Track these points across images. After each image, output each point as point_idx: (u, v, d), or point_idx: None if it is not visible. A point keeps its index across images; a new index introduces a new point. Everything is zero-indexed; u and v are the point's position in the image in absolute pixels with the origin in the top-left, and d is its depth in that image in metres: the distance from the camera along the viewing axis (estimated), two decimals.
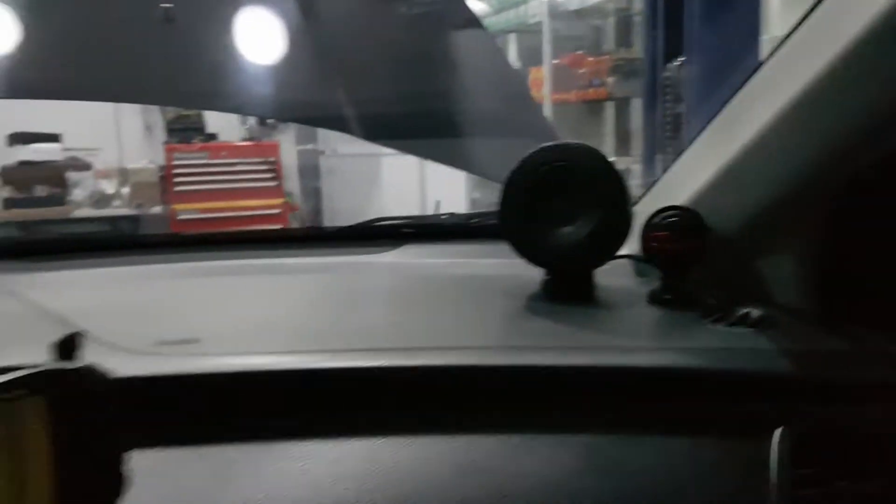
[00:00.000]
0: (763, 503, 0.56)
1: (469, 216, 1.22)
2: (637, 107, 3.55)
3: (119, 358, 0.57)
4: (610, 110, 4.28)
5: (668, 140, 2.57)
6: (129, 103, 3.86)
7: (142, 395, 0.56)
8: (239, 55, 1.16)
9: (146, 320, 0.76)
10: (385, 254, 1.01)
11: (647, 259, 0.83)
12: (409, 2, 1.29)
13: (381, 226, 1.11)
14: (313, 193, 5.20)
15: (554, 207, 0.81)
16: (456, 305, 0.82)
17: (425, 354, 0.65)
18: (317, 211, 5.11)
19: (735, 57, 2.05)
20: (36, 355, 0.62)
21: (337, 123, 1.17)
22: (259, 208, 4.76)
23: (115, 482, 0.46)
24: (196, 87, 1.15)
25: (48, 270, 0.97)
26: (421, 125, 1.15)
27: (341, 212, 5.00)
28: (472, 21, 1.23)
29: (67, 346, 0.49)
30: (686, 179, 0.86)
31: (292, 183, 5.05)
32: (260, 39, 1.18)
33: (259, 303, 0.85)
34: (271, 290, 0.90)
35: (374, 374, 0.62)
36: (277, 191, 4.86)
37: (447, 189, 4.31)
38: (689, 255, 0.79)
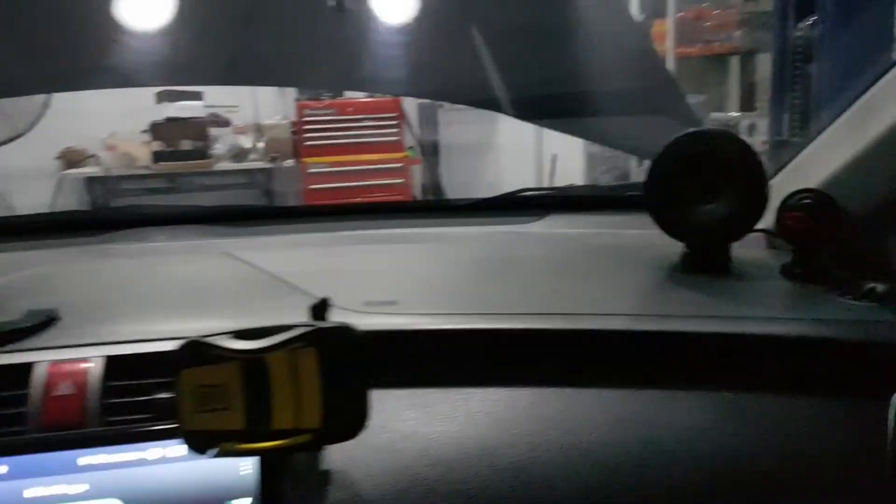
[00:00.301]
0: (879, 461, 0.66)
1: (609, 187, 1.31)
2: (763, 62, 3.48)
3: (345, 316, 0.72)
4: (735, 65, 4.19)
5: (795, 100, 2.54)
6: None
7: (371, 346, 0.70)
8: (399, 40, 1.28)
9: (342, 282, 0.90)
10: (533, 223, 1.13)
11: (780, 235, 0.91)
12: None
13: (527, 196, 1.23)
14: (432, 147, 5.34)
15: (696, 187, 0.91)
16: (603, 274, 0.94)
17: (584, 320, 0.77)
18: (436, 163, 5.25)
19: (871, 21, 2.01)
20: (272, 310, 0.78)
21: (489, 104, 1.29)
22: (382, 162, 4.95)
23: (361, 412, 0.60)
24: (363, 71, 1.29)
25: (246, 236, 1.14)
26: (567, 104, 1.25)
27: (459, 165, 5.13)
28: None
29: (320, 308, 0.64)
30: (820, 162, 0.93)
31: (413, 137, 5.21)
32: (416, 26, 1.30)
33: (428, 269, 0.99)
34: (435, 257, 1.04)
35: (542, 335, 0.75)
36: (399, 145, 5.03)
37: (564, 139, 4.34)
38: (821, 235, 0.87)
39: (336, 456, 0.64)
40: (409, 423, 0.69)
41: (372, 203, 1.13)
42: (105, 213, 1.34)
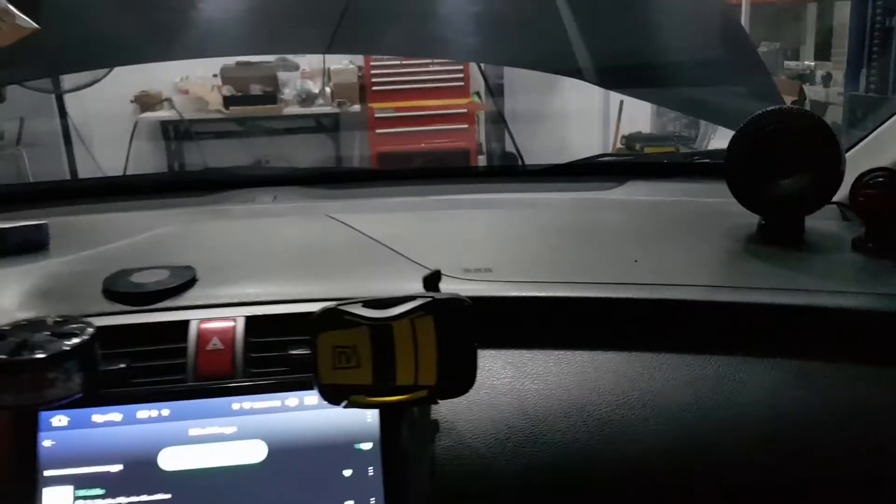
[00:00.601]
0: None
1: (685, 154, 1.36)
2: (841, 11, 3.38)
3: (448, 283, 0.80)
4: (812, 13, 4.07)
5: (874, 54, 2.50)
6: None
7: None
8: (479, 6, 1.33)
9: (437, 248, 0.98)
10: (613, 190, 1.19)
11: (853, 209, 0.96)
12: None
13: (606, 162, 1.28)
14: (497, 90, 5.33)
15: (773, 162, 0.96)
16: (681, 242, 1.00)
17: (665, 290, 0.84)
18: (500, 109, 5.26)
19: None
20: (379, 276, 0.87)
21: (572, 72, 1.33)
22: (447, 107, 4.98)
23: (470, 372, 0.69)
24: (441, 35, 1.34)
25: (343, 199, 1.23)
26: (650, 73, 1.28)
27: (523, 111, 5.12)
28: None
29: (433, 279, 0.73)
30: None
31: (478, 82, 5.21)
32: None
33: (515, 235, 1.06)
34: (520, 223, 1.11)
35: (627, 304, 0.82)
36: (464, 90, 5.04)
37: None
38: (893, 213, 0.91)
39: (444, 408, 0.73)
40: (505, 380, 0.78)
41: (457, 168, 1.20)
42: (213, 174, 1.43)
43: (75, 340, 0.67)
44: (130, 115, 4.81)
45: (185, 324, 0.74)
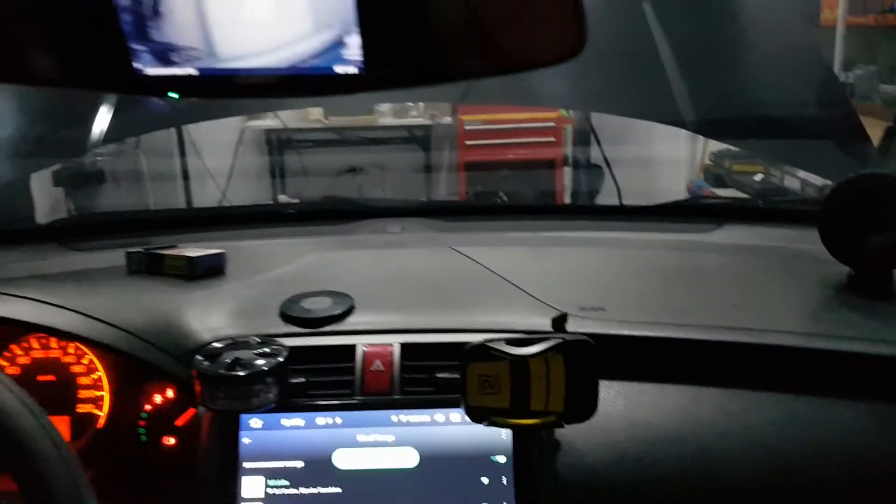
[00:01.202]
0: None
1: (782, 200, 1.45)
2: None
3: (574, 323, 0.93)
4: None
5: None
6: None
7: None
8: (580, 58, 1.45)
9: (552, 284, 1.11)
10: (711, 233, 1.30)
11: None
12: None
13: (705, 204, 1.39)
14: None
15: (866, 220, 1.05)
16: (777, 289, 1.10)
17: (763, 335, 0.94)
18: (588, 123, 5.33)
19: None
20: (504, 310, 1.00)
21: (674, 122, 1.44)
22: (536, 120, 5.09)
23: (592, 402, 0.82)
24: (542, 86, 1.46)
25: (460, 231, 1.37)
26: (752, 126, 1.38)
27: (608, 125, 5.19)
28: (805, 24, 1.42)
29: (561, 321, 0.86)
30: None
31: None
32: (602, 41, 1.46)
33: (621, 274, 1.17)
34: (624, 261, 1.22)
35: (728, 346, 0.93)
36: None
37: None
38: None
39: (567, 430, 0.87)
40: (617, 409, 0.90)
41: (561, 205, 1.32)
42: (346, 205, 1.60)
43: (274, 360, 0.83)
44: (237, 122, 5.11)
45: (352, 347, 0.90)
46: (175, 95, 0.46)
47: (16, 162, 1.57)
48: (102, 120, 1.55)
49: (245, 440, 0.85)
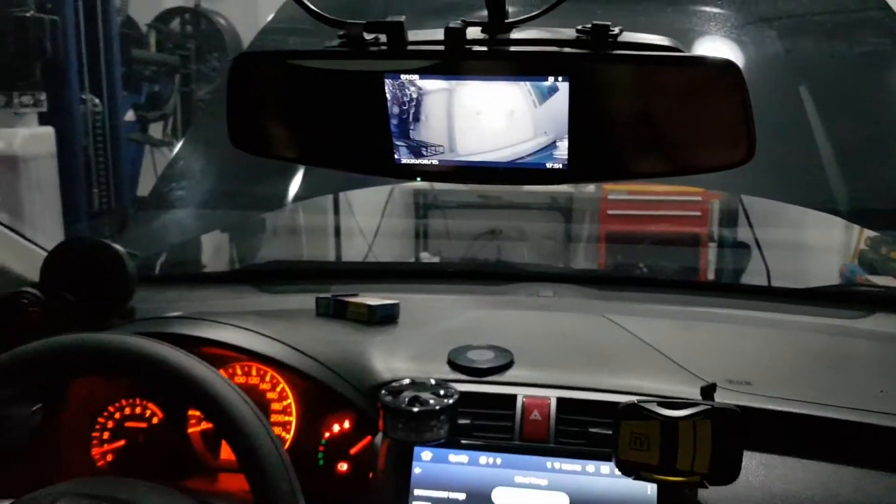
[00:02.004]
0: None
1: None
2: None
3: (720, 394, 0.99)
4: None
5: None
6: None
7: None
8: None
9: (699, 356, 1.17)
10: (861, 320, 1.32)
11: None
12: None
13: (855, 291, 1.41)
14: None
15: None
16: None
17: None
18: (737, 201, 5.26)
19: None
20: (651, 377, 1.08)
21: (824, 208, 1.48)
22: (681, 194, 5.08)
23: (736, 467, 0.88)
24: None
25: (610, 300, 1.46)
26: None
27: (757, 204, 5.09)
28: None
29: (710, 390, 0.93)
30: None
31: None
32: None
33: (767, 352, 1.22)
34: (772, 341, 1.26)
35: (872, 428, 0.97)
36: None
37: None
38: None
39: (708, 492, 0.93)
40: (758, 478, 0.96)
41: (708, 282, 1.38)
42: (504, 268, 1.73)
43: (447, 401, 0.95)
44: (387, 179, 5.41)
45: (513, 397, 1.01)
46: (419, 179, 0.60)
47: (216, 213, 1.80)
48: (292, 183, 1.76)
49: (416, 469, 0.97)
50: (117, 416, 1.20)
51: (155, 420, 1.19)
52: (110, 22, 3.23)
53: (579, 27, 0.56)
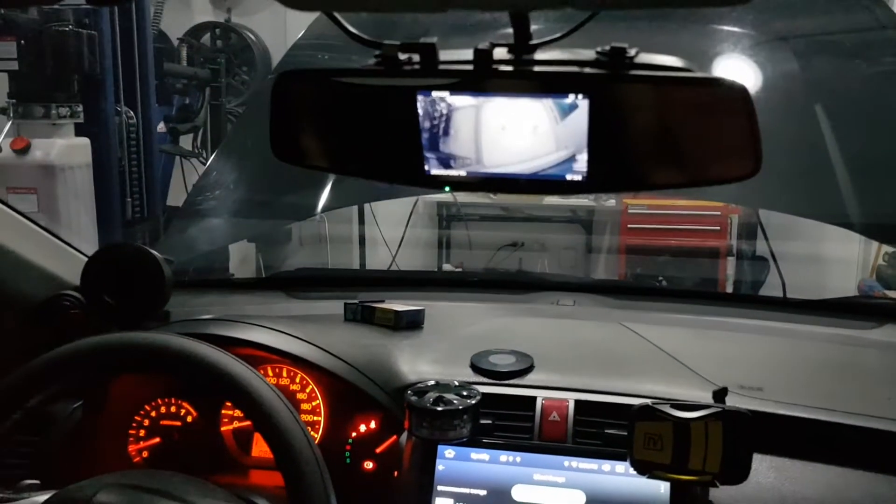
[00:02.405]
0: None
1: None
2: None
3: (728, 397, 1.03)
4: None
5: None
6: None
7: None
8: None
9: (712, 363, 1.21)
10: (872, 331, 1.35)
11: None
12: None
13: (866, 303, 1.44)
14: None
15: None
16: None
17: None
18: (755, 216, 5.27)
19: None
20: (665, 381, 1.11)
21: (838, 222, 1.51)
22: (701, 208, 5.09)
23: (746, 468, 0.92)
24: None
25: (626, 309, 1.50)
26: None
27: (776, 219, 5.10)
28: None
29: (721, 393, 0.97)
30: None
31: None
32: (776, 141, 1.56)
33: (778, 361, 1.26)
34: (783, 350, 1.30)
35: (879, 433, 1.00)
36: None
37: None
38: None
39: (719, 492, 0.97)
40: (769, 479, 0.99)
41: (724, 293, 1.42)
42: (526, 277, 1.78)
43: (470, 401, 1.00)
44: (413, 190, 5.47)
45: (533, 399, 1.05)
46: (447, 189, 0.65)
47: (248, 223, 1.87)
48: (321, 194, 1.83)
49: (440, 467, 1.01)
50: (153, 414, 1.25)
51: (189, 419, 1.24)
52: (145, 37, 3.33)
53: (599, 49, 0.61)
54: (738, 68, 1.69)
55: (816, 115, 1.63)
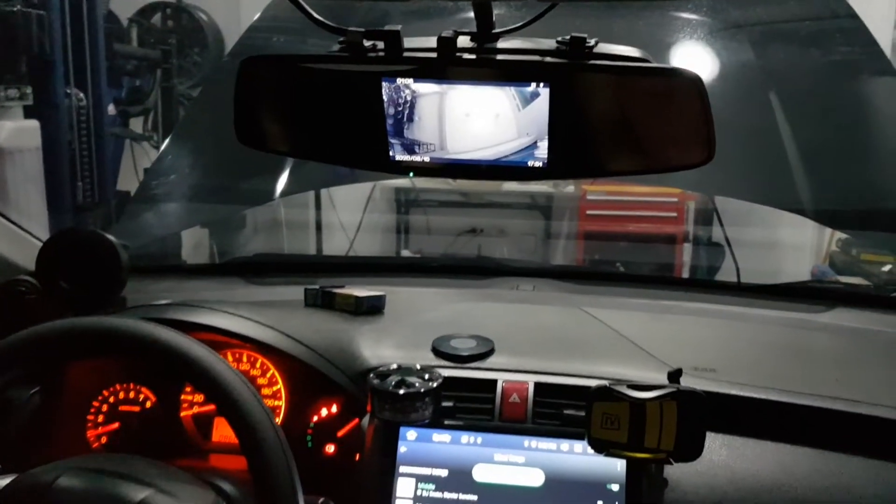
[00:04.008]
0: None
1: (892, 287, 1.54)
2: None
3: (683, 378, 1.06)
4: None
5: None
6: None
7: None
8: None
9: (668, 346, 1.24)
10: (822, 314, 1.40)
11: None
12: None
13: (818, 287, 1.49)
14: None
15: None
16: (878, 369, 1.20)
17: (860, 406, 1.05)
18: (711, 202, 5.36)
19: None
20: (622, 364, 1.14)
21: (791, 209, 1.56)
22: (658, 195, 5.17)
23: (699, 445, 0.95)
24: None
25: (582, 294, 1.53)
26: (872, 218, 1.47)
27: (732, 205, 5.21)
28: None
29: (676, 375, 1.00)
30: None
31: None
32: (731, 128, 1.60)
33: (731, 343, 1.30)
34: (736, 333, 1.34)
35: (826, 412, 1.04)
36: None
37: None
38: None
39: (674, 469, 1.00)
40: (721, 457, 1.03)
41: (680, 278, 1.45)
42: (487, 262, 1.80)
43: (431, 384, 1.01)
44: (371, 175, 5.44)
45: (493, 382, 1.07)
46: (412, 175, 0.66)
47: (204, 208, 1.85)
48: (279, 179, 1.82)
49: (402, 448, 1.03)
50: (112, 399, 1.24)
51: (148, 404, 1.24)
52: (95, 17, 3.25)
53: (559, 38, 0.62)
54: (694, 56, 1.72)
55: (771, 104, 1.67)
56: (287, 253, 3.85)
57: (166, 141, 2.16)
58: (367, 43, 0.63)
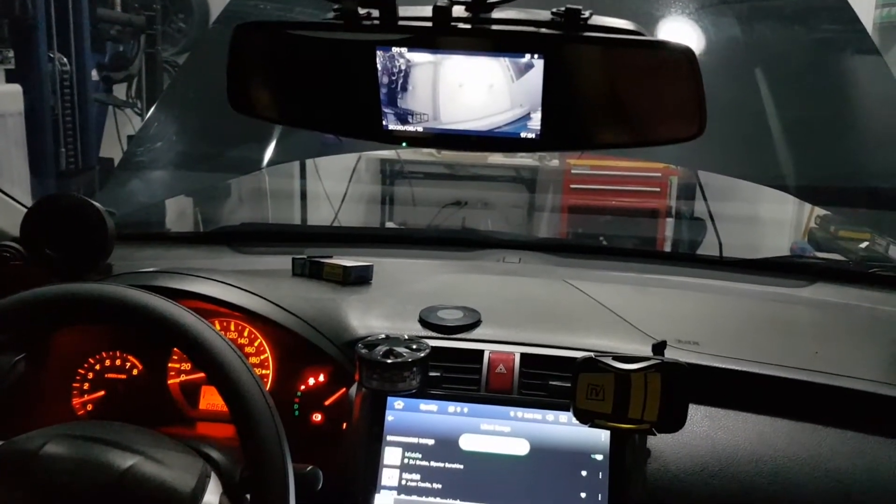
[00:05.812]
0: None
1: (873, 264, 1.56)
2: None
3: (670, 352, 1.08)
4: None
5: None
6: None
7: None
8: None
9: (653, 319, 1.25)
10: (803, 289, 1.42)
11: None
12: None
13: (799, 262, 1.51)
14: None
15: None
16: (858, 343, 1.22)
17: (838, 379, 1.07)
18: (695, 177, 5.39)
19: None
20: (607, 336, 1.16)
21: (775, 185, 1.57)
22: (642, 170, 5.19)
23: (682, 416, 0.97)
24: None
25: (569, 266, 1.54)
26: (856, 194, 1.49)
27: (715, 180, 5.23)
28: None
29: (660, 347, 1.02)
30: None
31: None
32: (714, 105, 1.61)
33: (714, 316, 1.32)
34: (719, 306, 1.36)
35: (805, 385, 1.06)
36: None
37: None
38: None
39: (657, 440, 1.02)
40: (703, 428, 1.05)
41: (664, 252, 1.47)
42: (474, 235, 1.80)
43: (419, 354, 1.02)
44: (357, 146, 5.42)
45: (480, 352, 1.08)
46: (405, 145, 0.66)
47: (190, 176, 1.84)
48: (266, 148, 1.80)
49: (389, 417, 1.04)
50: (98, 367, 1.24)
51: (135, 372, 1.24)
52: None
53: (554, 10, 0.62)
54: (681, 31, 1.72)
55: (756, 80, 1.68)
56: (273, 222, 3.83)
57: (152, 108, 2.14)
58: (362, 11, 0.63)
